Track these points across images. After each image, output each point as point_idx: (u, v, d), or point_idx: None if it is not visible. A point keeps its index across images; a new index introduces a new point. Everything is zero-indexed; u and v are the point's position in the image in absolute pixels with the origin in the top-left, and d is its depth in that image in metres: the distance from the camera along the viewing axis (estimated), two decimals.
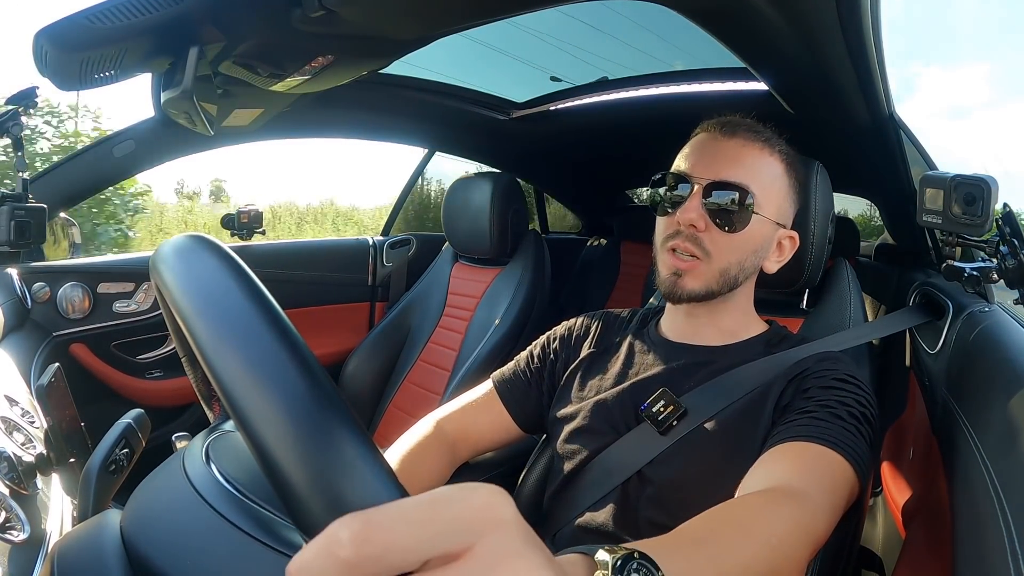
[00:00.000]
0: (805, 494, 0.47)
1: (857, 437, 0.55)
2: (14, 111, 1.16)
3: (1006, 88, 76.77)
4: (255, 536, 0.40)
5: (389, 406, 1.59)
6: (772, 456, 0.54)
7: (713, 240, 0.66)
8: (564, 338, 0.82)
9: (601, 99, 1.59)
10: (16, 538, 0.50)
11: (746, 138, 0.68)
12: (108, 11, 0.62)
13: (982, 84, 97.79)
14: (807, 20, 0.73)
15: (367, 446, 0.32)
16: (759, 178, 0.67)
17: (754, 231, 0.67)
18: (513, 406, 0.79)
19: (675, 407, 0.65)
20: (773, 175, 0.69)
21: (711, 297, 0.68)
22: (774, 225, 0.69)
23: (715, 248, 0.66)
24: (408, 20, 0.76)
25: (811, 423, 0.55)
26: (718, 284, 0.67)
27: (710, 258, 0.66)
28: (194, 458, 0.49)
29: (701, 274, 0.67)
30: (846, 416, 0.56)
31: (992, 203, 0.68)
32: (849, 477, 0.52)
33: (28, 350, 1.06)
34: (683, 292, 0.67)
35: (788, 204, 0.71)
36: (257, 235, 1.64)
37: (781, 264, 0.72)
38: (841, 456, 0.52)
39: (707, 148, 0.69)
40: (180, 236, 0.42)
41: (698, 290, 0.67)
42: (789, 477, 0.50)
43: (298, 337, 0.35)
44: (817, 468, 0.51)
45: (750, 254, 0.68)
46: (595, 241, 2.46)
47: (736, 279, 0.68)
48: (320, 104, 1.33)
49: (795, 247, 0.73)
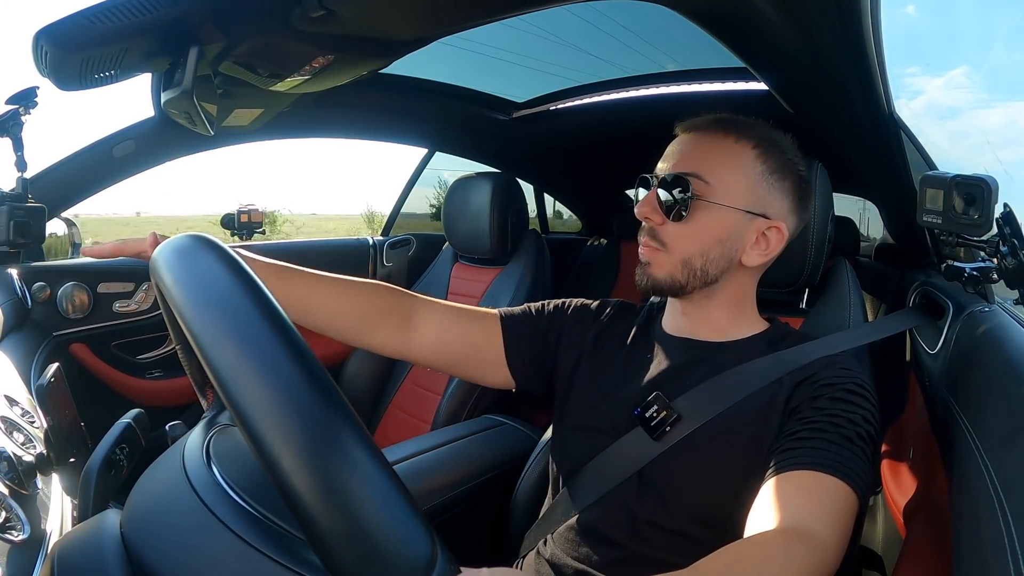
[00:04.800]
0: (818, 535, 0.49)
1: (863, 461, 0.56)
2: (14, 111, 1.16)
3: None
4: (255, 545, 0.40)
5: (389, 406, 1.59)
6: (783, 485, 0.54)
7: (667, 232, 0.67)
8: (578, 308, 0.81)
9: (601, 99, 1.59)
10: (16, 538, 0.50)
11: (707, 130, 0.69)
12: (108, 11, 0.62)
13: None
14: (807, 20, 0.73)
15: (393, 481, 0.32)
16: (717, 167, 0.66)
17: (710, 220, 0.66)
18: (510, 340, 0.77)
19: (668, 412, 0.65)
20: (737, 163, 0.66)
21: (682, 289, 0.68)
22: (744, 214, 0.66)
23: (670, 239, 0.67)
24: (408, 20, 0.76)
25: (822, 447, 0.56)
26: (683, 276, 0.67)
27: (667, 249, 0.67)
28: (194, 457, 0.49)
29: (663, 264, 0.68)
30: (855, 438, 0.56)
31: (992, 203, 0.67)
32: (854, 506, 0.54)
33: (28, 350, 1.06)
34: (648, 281, 0.69)
35: (764, 192, 0.67)
36: (257, 235, 1.64)
37: (766, 257, 0.68)
38: (850, 488, 0.53)
39: (672, 147, 0.70)
40: (180, 236, 0.42)
41: (661, 280, 0.68)
42: (801, 516, 0.50)
43: (299, 337, 0.35)
44: (827, 503, 0.52)
45: (713, 244, 0.67)
46: (595, 241, 2.46)
47: (705, 271, 0.67)
48: (320, 104, 1.33)
49: (783, 239, 0.68)
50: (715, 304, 0.71)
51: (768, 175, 0.67)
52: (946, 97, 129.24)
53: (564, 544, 0.69)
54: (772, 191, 0.68)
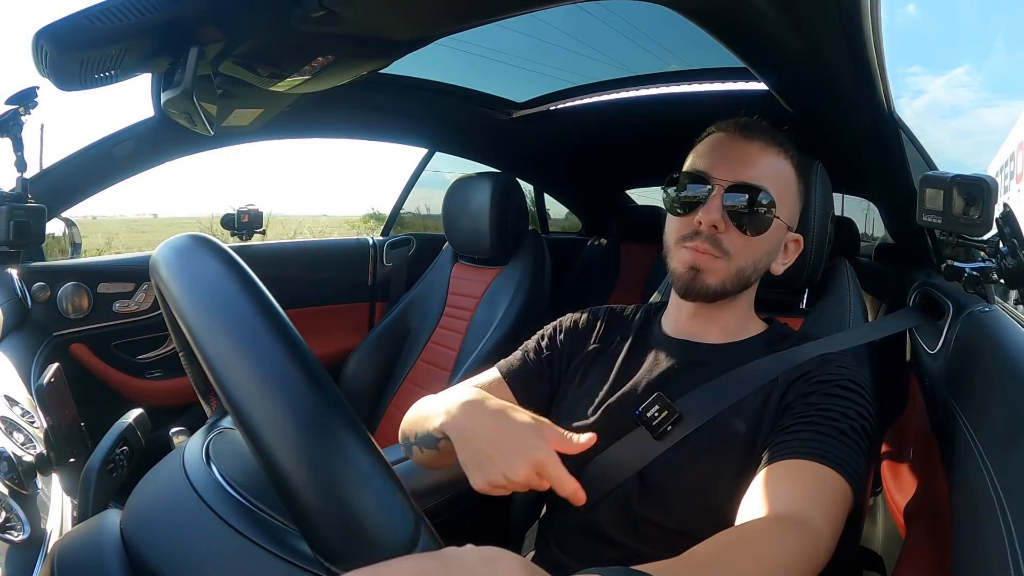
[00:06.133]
0: (811, 522, 0.49)
1: (857, 454, 0.55)
2: (14, 111, 1.16)
3: None
4: (255, 540, 0.40)
5: (389, 406, 1.59)
6: (776, 474, 0.54)
7: (732, 241, 0.67)
8: (569, 330, 0.81)
9: (601, 99, 1.59)
10: (16, 538, 0.50)
11: (764, 141, 0.69)
12: (108, 11, 0.62)
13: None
14: (807, 20, 0.73)
15: (378, 461, 0.32)
16: (777, 182, 0.68)
17: (771, 234, 0.68)
18: (523, 395, 0.78)
19: (669, 412, 0.65)
20: (788, 179, 0.70)
21: (724, 296, 0.69)
22: (785, 228, 0.71)
23: (734, 248, 0.67)
24: (408, 20, 0.76)
25: (814, 438, 0.55)
26: (733, 284, 0.68)
27: (730, 258, 0.67)
28: (194, 458, 0.49)
29: (719, 272, 0.67)
30: (848, 431, 0.56)
31: (992, 203, 0.67)
32: (847, 496, 0.53)
33: (28, 350, 1.06)
34: (701, 288, 0.67)
35: (797, 208, 0.73)
36: (257, 235, 1.64)
37: (786, 266, 0.73)
38: (842, 477, 0.53)
39: (726, 149, 0.69)
40: (180, 236, 0.42)
41: (715, 287, 0.67)
42: (794, 503, 0.50)
43: (298, 337, 0.35)
44: (820, 491, 0.52)
45: (764, 256, 0.70)
46: (595, 241, 2.46)
47: (749, 280, 0.70)
48: (320, 104, 1.33)
49: (799, 249, 0.74)
50: (732, 308, 0.72)
51: (799, 193, 0.72)
52: (948, 96, 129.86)
53: (565, 544, 0.69)
54: (799, 205, 0.73)
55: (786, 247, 0.73)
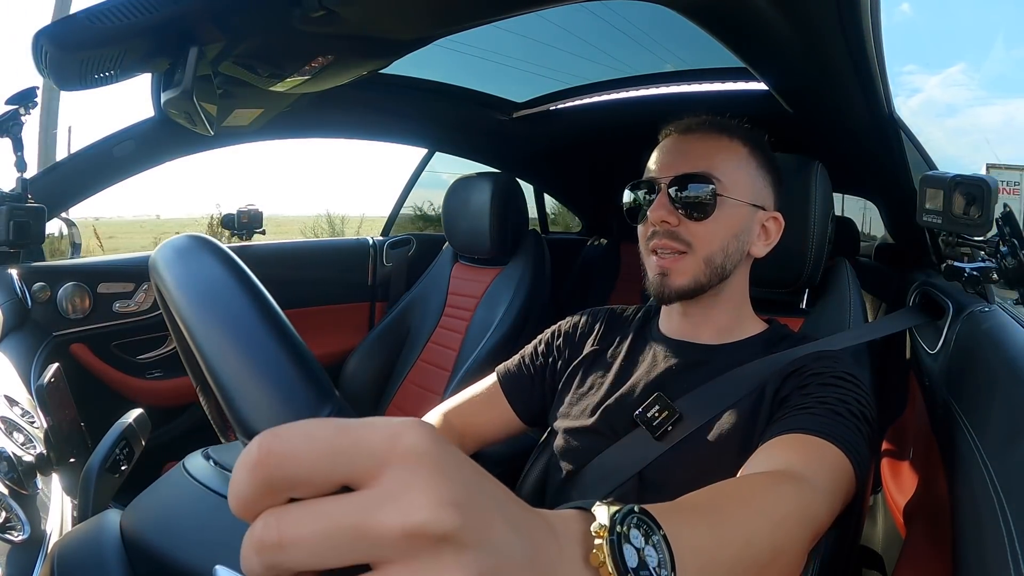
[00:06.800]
0: (806, 478, 0.47)
1: (856, 434, 0.54)
2: (14, 111, 1.16)
3: None
4: None
5: (389, 406, 1.59)
6: (771, 445, 0.54)
7: (690, 231, 0.67)
8: (568, 334, 0.82)
9: (601, 99, 1.59)
10: (16, 538, 0.50)
11: (704, 131, 0.70)
12: (108, 11, 0.62)
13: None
14: (807, 20, 0.73)
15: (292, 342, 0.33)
16: (721, 164, 0.68)
17: (728, 215, 0.68)
18: (516, 401, 0.80)
19: (670, 412, 0.65)
20: (737, 158, 0.69)
21: (701, 291, 0.68)
22: (750, 207, 0.69)
23: (694, 238, 0.67)
24: (408, 20, 0.76)
25: (810, 417, 0.55)
26: (706, 275, 0.68)
27: (692, 248, 0.67)
28: (195, 459, 0.49)
29: (687, 267, 0.67)
30: (845, 413, 0.56)
31: (992, 203, 0.68)
32: (847, 471, 0.52)
33: (28, 350, 1.06)
34: (672, 291, 0.68)
35: (762, 185, 0.71)
36: (257, 235, 1.64)
37: (770, 247, 0.72)
38: (840, 450, 0.52)
39: (668, 149, 0.71)
40: (180, 236, 0.42)
41: (686, 285, 0.68)
42: (790, 462, 0.50)
43: (297, 337, 0.35)
44: (816, 458, 0.51)
45: (731, 239, 0.69)
46: (595, 241, 2.46)
47: (724, 268, 0.69)
48: (320, 104, 1.33)
49: (781, 228, 0.72)
50: (721, 303, 0.71)
51: (759, 169, 0.71)
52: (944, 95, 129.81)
53: None
54: (764, 185, 0.71)
55: (764, 228, 0.71)
